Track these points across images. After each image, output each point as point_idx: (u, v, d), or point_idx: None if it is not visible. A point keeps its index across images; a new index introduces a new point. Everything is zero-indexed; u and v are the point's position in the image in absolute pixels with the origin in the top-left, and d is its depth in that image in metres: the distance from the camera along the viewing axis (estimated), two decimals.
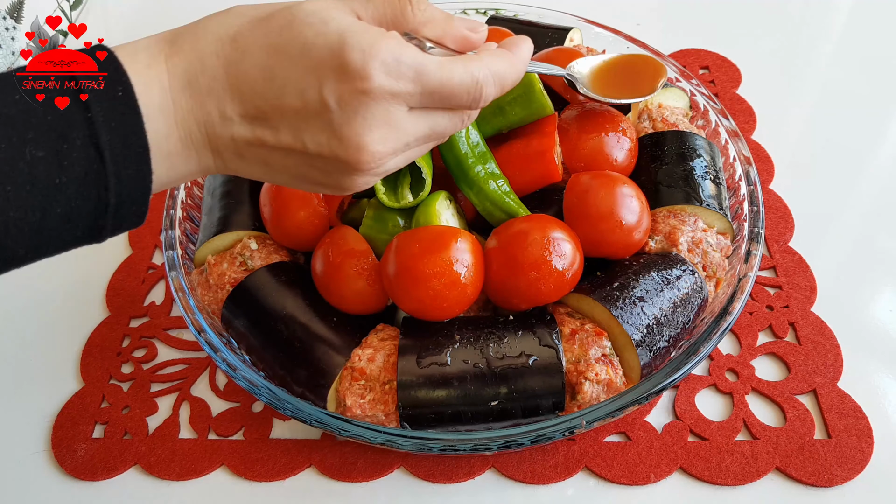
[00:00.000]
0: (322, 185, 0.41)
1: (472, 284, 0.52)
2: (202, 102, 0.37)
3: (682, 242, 0.57)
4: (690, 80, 0.72)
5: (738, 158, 0.65)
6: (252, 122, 0.38)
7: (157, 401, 0.64)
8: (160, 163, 0.37)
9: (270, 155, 0.39)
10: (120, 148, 0.35)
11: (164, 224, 0.64)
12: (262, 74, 0.37)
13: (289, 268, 0.60)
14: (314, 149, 0.38)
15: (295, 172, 0.40)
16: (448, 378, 0.50)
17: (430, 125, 0.40)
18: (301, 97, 0.37)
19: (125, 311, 0.71)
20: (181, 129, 0.37)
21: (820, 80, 0.89)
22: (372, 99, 0.36)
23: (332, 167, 0.39)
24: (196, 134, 0.38)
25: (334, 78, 0.36)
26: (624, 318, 0.51)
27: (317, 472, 0.58)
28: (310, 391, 0.53)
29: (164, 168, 0.38)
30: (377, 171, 0.40)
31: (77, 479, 0.59)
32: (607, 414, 0.49)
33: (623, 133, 0.61)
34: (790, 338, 0.63)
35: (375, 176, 0.41)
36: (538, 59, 0.69)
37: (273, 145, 0.38)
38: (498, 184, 0.57)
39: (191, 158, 0.39)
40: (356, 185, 0.41)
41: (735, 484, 0.55)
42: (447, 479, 0.57)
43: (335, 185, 0.41)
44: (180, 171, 0.39)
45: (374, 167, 0.39)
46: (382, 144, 0.38)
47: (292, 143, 0.38)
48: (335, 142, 0.37)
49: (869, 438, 0.56)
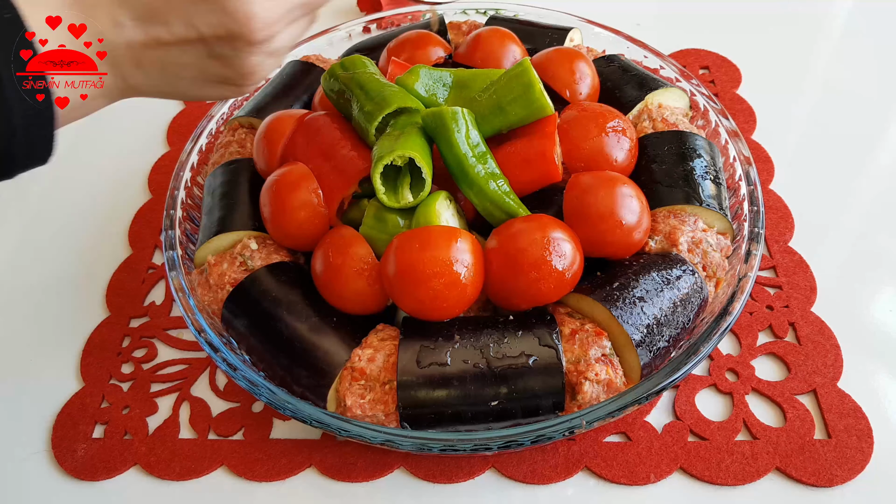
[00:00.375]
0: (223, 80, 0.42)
1: (472, 284, 0.52)
2: (91, 16, 0.38)
3: (682, 242, 0.57)
4: (690, 80, 0.72)
5: (738, 158, 0.65)
6: (144, 23, 0.39)
7: (157, 401, 0.64)
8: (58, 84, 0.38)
9: (167, 54, 0.40)
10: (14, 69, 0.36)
11: (164, 224, 0.64)
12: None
13: (289, 268, 0.60)
14: (207, 31, 0.39)
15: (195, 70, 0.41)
16: (448, 378, 0.50)
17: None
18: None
19: (125, 311, 0.71)
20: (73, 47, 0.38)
21: (820, 80, 0.89)
22: None
23: (229, 48, 0.40)
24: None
25: None
26: (624, 318, 0.51)
27: (317, 472, 0.58)
28: (310, 391, 0.53)
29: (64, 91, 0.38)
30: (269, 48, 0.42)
31: (77, 479, 0.59)
32: (607, 414, 0.49)
33: (623, 133, 0.61)
34: (790, 338, 0.63)
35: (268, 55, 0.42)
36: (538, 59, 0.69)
37: (169, 41, 0.39)
38: (498, 184, 0.57)
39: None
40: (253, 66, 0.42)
41: (735, 484, 0.55)
42: (447, 479, 0.57)
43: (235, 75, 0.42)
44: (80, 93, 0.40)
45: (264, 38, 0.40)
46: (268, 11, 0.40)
47: (186, 33, 0.39)
48: (225, 17, 0.39)
49: (869, 438, 0.56)
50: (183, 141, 0.88)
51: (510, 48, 0.72)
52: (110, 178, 0.85)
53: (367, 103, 0.60)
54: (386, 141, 0.57)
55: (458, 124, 0.57)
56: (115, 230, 0.79)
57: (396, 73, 0.66)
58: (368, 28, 0.86)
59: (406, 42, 0.74)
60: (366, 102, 0.60)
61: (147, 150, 0.88)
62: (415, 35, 0.75)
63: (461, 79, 0.65)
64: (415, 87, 0.63)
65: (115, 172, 0.85)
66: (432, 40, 0.74)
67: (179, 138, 0.89)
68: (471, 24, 0.83)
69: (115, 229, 0.79)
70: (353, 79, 0.62)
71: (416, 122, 0.59)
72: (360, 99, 0.61)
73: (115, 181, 0.84)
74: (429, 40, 0.74)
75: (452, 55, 0.75)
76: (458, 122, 0.57)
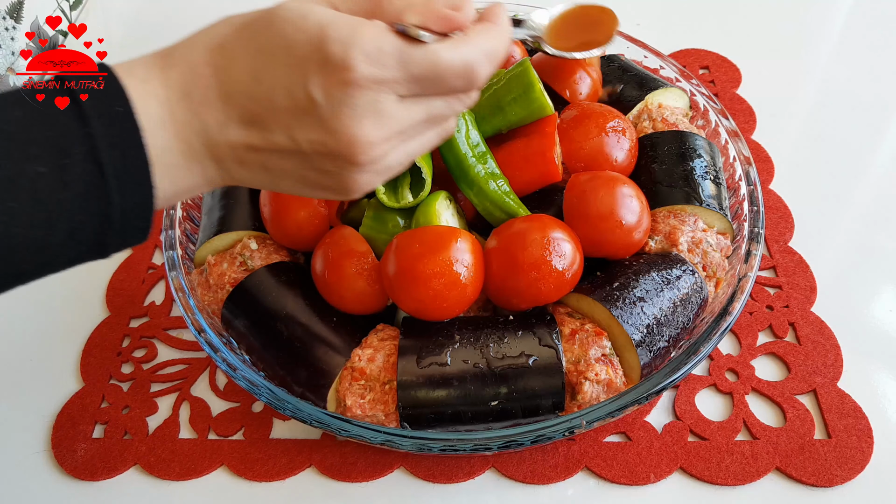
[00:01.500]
0: (325, 187, 0.41)
1: (472, 284, 0.52)
2: (198, 112, 0.37)
3: (682, 242, 0.57)
4: (690, 80, 0.72)
5: (738, 158, 0.65)
6: (246, 126, 0.38)
7: (157, 401, 0.64)
8: (162, 176, 0.37)
9: (269, 159, 0.39)
10: (120, 162, 0.35)
11: (164, 224, 0.64)
12: (249, 77, 0.37)
13: (289, 268, 0.60)
14: (308, 147, 0.38)
15: (296, 176, 0.40)
16: (448, 378, 0.50)
17: (424, 111, 0.40)
18: (289, 95, 0.37)
19: (125, 311, 0.71)
20: (181, 142, 0.37)
21: (820, 80, 0.89)
22: (357, 89, 0.36)
23: (330, 164, 0.39)
24: (196, 144, 0.38)
25: (318, 72, 0.36)
26: (624, 318, 0.51)
27: (317, 472, 0.58)
28: (310, 391, 0.53)
29: (167, 182, 0.38)
30: (377, 167, 0.40)
31: (77, 479, 0.59)
32: (607, 414, 0.49)
33: (623, 133, 0.61)
34: (790, 338, 0.63)
35: (376, 174, 0.40)
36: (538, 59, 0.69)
37: (269, 148, 0.38)
38: (498, 184, 0.57)
39: (193, 170, 0.39)
40: (357, 183, 0.40)
41: (735, 484, 0.55)
42: (447, 479, 0.57)
43: (338, 187, 0.41)
44: (183, 184, 0.39)
45: (370, 160, 0.39)
46: (374, 133, 0.38)
47: (286, 144, 0.38)
48: (327, 136, 0.37)
49: (869, 438, 0.56)
50: None
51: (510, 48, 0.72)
52: None
53: None
54: None
55: (457, 124, 0.57)
56: None
57: None
58: None
59: None
60: None
61: None
62: None
63: None
64: None
65: None
66: None
67: None
68: None
69: None
70: None
71: None
72: None
73: None
74: None
75: None
76: (458, 121, 0.57)
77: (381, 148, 0.39)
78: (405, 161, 0.42)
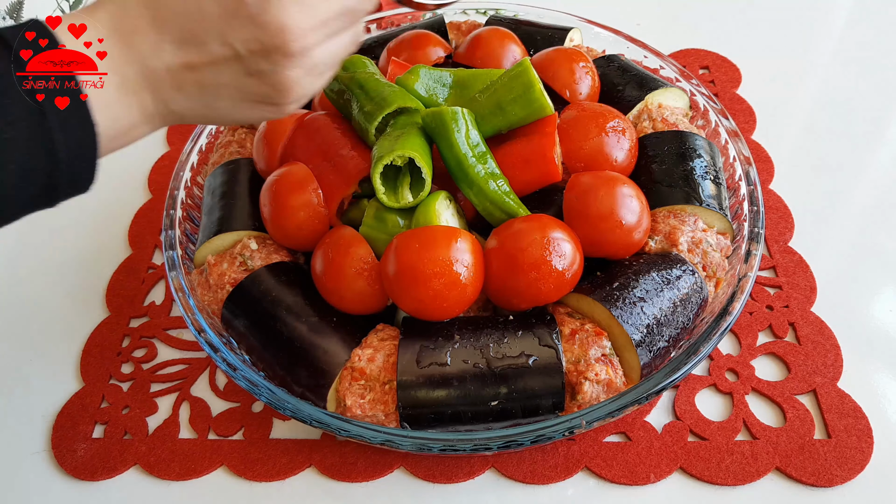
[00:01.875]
0: (262, 98, 0.42)
1: (472, 284, 0.52)
2: (130, 42, 0.39)
3: (682, 242, 0.57)
4: (690, 80, 0.72)
5: (738, 158, 0.65)
6: (181, 45, 0.39)
7: (157, 401, 0.64)
8: (100, 113, 0.38)
9: (205, 75, 0.41)
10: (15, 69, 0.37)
11: (164, 224, 0.64)
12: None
13: (289, 268, 0.60)
14: (242, 47, 0.39)
15: (234, 90, 0.42)
16: (448, 378, 0.50)
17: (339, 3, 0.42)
18: (217, 2, 0.38)
19: (125, 311, 0.71)
20: (115, 76, 0.39)
21: (820, 79, 0.89)
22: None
23: (265, 63, 0.40)
24: (131, 76, 0.40)
25: None
26: (624, 318, 0.51)
27: (317, 472, 0.58)
28: (310, 391, 0.53)
29: (108, 119, 0.39)
30: (307, 62, 0.41)
31: (77, 479, 0.59)
32: (607, 414, 0.49)
33: (623, 133, 0.61)
34: (790, 338, 0.63)
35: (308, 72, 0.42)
36: (538, 59, 0.69)
37: (205, 61, 0.40)
38: (498, 184, 0.57)
39: (131, 105, 0.40)
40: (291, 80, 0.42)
41: (735, 484, 0.55)
42: (447, 479, 0.57)
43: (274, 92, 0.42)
44: (124, 122, 0.41)
45: (301, 50, 0.40)
46: (301, 19, 0.40)
47: (222, 51, 0.40)
48: (258, 30, 0.39)
49: (869, 438, 0.56)
50: (183, 141, 0.88)
51: (510, 48, 0.72)
52: (110, 178, 0.85)
53: (367, 103, 0.60)
54: (386, 141, 0.57)
55: (458, 124, 0.57)
56: (115, 230, 0.79)
57: (396, 73, 0.66)
58: (368, 28, 0.86)
59: (406, 42, 0.74)
60: (366, 102, 0.60)
61: (147, 149, 0.88)
62: (414, 35, 0.75)
63: (461, 79, 0.65)
64: (415, 87, 0.63)
65: (115, 172, 0.85)
66: (432, 40, 0.74)
67: (179, 138, 0.89)
68: (470, 24, 0.83)
69: (115, 229, 0.79)
70: (352, 79, 0.62)
71: (415, 122, 0.59)
72: (359, 99, 0.61)
73: (115, 181, 0.84)
74: (428, 40, 0.74)
75: (452, 55, 0.75)
76: (458, 121, 0.57)
77: (309, 38, 0.40)
78: (329, 62, 0.44)
